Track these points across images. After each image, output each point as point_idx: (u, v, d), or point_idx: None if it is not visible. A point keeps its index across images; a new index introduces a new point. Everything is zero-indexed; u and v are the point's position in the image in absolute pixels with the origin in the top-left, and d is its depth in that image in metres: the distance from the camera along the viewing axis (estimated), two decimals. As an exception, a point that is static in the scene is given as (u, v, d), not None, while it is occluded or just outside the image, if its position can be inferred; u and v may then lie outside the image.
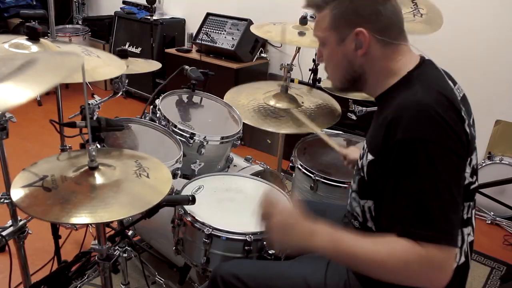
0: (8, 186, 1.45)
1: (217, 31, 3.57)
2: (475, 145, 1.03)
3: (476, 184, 1.06)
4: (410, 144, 0.91)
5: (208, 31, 3.59)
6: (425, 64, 1.06)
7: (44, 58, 0.93)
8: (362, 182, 1.07)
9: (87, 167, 1.03)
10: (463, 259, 1.06)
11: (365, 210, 1.09)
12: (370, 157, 1.03)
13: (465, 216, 1.04)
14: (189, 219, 1.39)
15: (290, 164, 1.95)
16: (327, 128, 2.66)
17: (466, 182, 0.99)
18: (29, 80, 0.80)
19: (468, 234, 1.07)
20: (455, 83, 1.10)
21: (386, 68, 1.06)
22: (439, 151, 0.90)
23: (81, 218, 0.92)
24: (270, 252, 1.34)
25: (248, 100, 2.04)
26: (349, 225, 1.17)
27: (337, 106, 2.13)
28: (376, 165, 1.00)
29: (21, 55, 0.96)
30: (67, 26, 4.57)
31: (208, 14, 3.69)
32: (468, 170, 0.99)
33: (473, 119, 1.11)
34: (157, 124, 1.73)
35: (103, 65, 1.26)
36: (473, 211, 1.09)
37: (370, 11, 1.01)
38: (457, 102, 0.97)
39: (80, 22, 4.82)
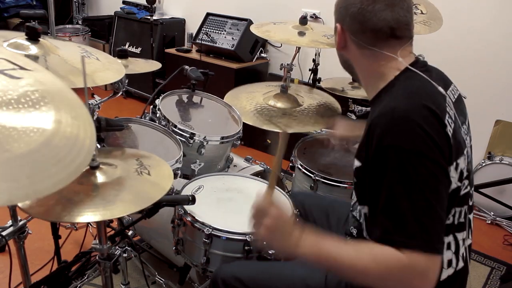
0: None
1: (217, 31, 3.57)
2: (464, 150, 1.01)
3: (468, 189, 1.04)
4: (384, 151, 0.92)
5: (208, 31, 3.58)
6: (408, 72, 1.04)
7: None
8: (356, 187, 1.08)
9: (88, 167, 1.03)
10: (461, 263, 1.05)
11: (362, 216, 1.08)
12: (356, 163, 1.03)
13: (456, 221, 1.02)
14: (189, 219, 1.39)
15: (290, 164, 1.95)
16: (326, 128, 2.67)
17: (454, 187, 0.98)
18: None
19: (464, 239, 1.06)
20: (448, 84, 1.08)
21: (371, 70, 1.06)
22: (412, 157, 0.89)
23: (85, 216, 0.92)
24: (270, 252, 1.34)
25: (251, 104, 2.04)
26: (348, 232, 1.18)
27: (337, 106, 2.13)
28: (362, 172, 1.01)
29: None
30: (67, 26, 4.57)
31: (208, 14, 3.69)
32: (454, 175, 0.97)
33: (468, 123, 1.10)
34: (157, 124, 1.73)
35: (103, 68, 1.26)
36: (470, 216, 1.08)
37: (348, 11, 1.04)
38: (440, 107, 0.96)
39: (80, 22, 4.82)
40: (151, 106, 1.82)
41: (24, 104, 0.64)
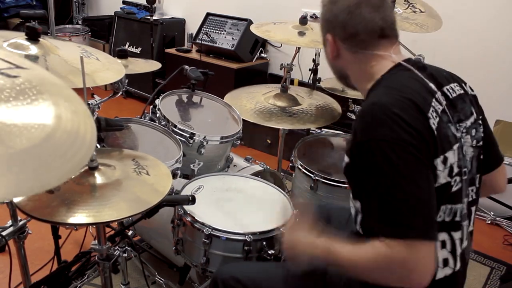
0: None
1: (217, 31, 3.57)
2: (453, 145, 0.99)
3: (460, 186, 1.01)
4: (366, 145, 0.94)
5: (208, 31, 3.59)
6: (399, 67, 1.06)
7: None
8: (348, 182, 1.10)
9: (87, 167, 1.03)
10: (459, 265, 1.03)
11: (356, 212, 1.07)
12: (346, 158, 1.04)
13: (447, 219, 1.00)
14: (188, 219, 1.39)
15: (290, 164, 1.95)
16: (326, 128, 2.67)
17: (443, 181, 0.96)
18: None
19: (461, 239, 1.04)
20: (448, 82, 1.07)
21: (363, 72, 1.10)
22: (394, 146, 0.91)
23: (89, 218, 0.92)
24: (269, 252, 1.34)
25: (251, 103, 2.04)
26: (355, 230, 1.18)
27: (337, 106, 2.13)
28: (349, 167, 1.02)
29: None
30: (67, 26, 4.57)
31: (208, 14, 3.69)
32: (441, 168, 0.96)
33: (474, 123, 1.09)
34: (157, 124, 1.73)
35: (103, 68, 1.26)
36: (469, 223, 1.07)
37: (336, 19, 1.08)
38: (422, 100, 0.97)
39: (80, 22, 4.82)
40: (151, 106, 1.82)
41: (23, 101, 0.64)
